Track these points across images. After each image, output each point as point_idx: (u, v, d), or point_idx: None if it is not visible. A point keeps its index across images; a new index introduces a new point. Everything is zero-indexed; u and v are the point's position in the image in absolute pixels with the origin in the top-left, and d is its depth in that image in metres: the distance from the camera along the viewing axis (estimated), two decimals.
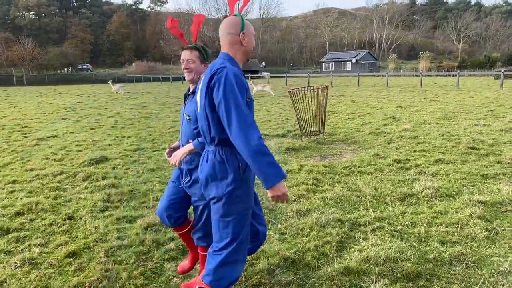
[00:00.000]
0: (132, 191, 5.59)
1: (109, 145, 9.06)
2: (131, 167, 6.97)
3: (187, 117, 2.81)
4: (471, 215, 4.32)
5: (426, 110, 13.97)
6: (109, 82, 31.71)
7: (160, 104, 19.27)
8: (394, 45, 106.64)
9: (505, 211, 4.51)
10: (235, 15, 2.46)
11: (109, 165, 7.07)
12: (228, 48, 2.45)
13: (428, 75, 44.53)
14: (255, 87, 25.83)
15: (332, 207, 4.75)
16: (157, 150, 8.35)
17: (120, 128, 11.75)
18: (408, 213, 4.52)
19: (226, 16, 2.48)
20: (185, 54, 2.88)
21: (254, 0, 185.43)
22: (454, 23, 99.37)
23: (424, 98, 18.64)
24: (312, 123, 9.31)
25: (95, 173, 6.44)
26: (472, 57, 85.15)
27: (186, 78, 2.87)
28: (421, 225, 4.16)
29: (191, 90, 2.91)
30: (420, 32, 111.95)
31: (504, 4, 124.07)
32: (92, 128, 11.71)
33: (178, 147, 3.04)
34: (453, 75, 38.03)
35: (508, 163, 6.54)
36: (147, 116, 14.37)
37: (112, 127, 11.98)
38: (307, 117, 9.36)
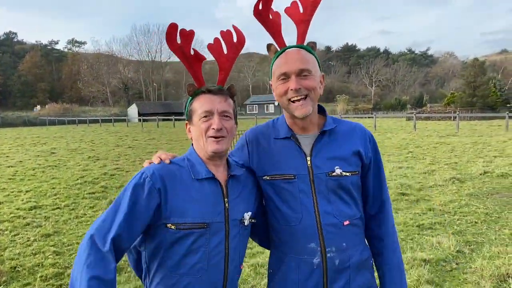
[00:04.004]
0: (15, 267, 4.45)
1: (0, 203, 7.64)
2: (21, 232, 5.75)
3: None
4: (419, 279, 3.84)
5: None
6: None
7: (71, 150, 17.59)
8: None
9: (451, 270, 4.12)
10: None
11: None
12: None
13: (346, 117, 46.61)
14: None
15: (264, 277, 4.04)
16: (58, 208, 7.11)
17: (19, 180, 10.20)
18: None
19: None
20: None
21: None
22: (366, 69, 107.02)
23: None
24: None
25: None
26: (384, 100, 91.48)
27: None
28: None
29: None
30: (336, 77, 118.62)
31: (408, 52, 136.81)
32: None
33: None
34: (369, 117, 40.15)
35: (440, 210, 6.34)
36: (54, 164, 12.81)
37: (10, 179, 10.38)
38: None
